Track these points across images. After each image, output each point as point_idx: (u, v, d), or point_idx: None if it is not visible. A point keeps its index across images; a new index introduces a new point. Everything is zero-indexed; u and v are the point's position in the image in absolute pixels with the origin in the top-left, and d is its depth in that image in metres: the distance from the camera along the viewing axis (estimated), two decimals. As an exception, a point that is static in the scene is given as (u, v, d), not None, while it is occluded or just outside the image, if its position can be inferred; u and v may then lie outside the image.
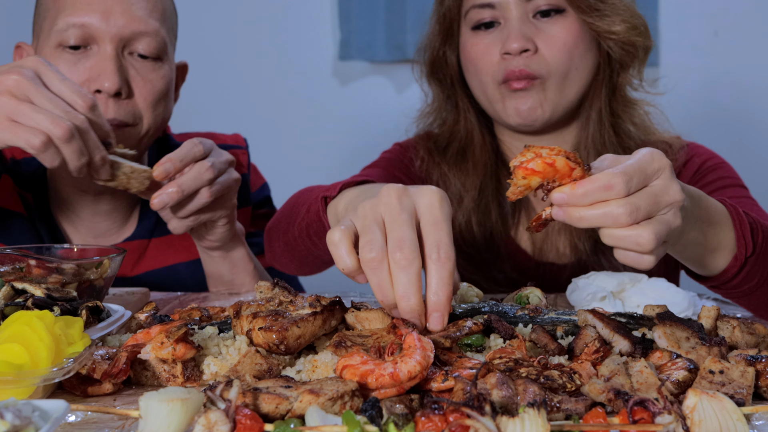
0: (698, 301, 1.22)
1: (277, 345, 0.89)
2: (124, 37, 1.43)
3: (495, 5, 1.49)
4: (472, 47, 1.54)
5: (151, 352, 0.90)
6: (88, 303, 1.01)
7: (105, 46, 1.42)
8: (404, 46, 3.61)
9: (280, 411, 0.74)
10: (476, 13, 1.52)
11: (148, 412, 0.70)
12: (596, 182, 0.92)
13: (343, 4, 3.60)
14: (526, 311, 1.08)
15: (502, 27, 1.50)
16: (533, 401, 0.70)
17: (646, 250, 0.94)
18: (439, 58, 1.62)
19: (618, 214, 0.92)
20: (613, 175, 0.92)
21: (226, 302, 1.39)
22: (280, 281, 1.18)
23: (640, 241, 0.93)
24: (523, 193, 0.94)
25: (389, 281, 0.90)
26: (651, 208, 0.94)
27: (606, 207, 0.93)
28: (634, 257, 0.96)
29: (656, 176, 0.95)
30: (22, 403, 0.69)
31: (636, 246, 0.94)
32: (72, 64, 1.42)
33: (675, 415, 0.71)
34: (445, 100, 1.66)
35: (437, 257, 0.91)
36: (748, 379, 0.83)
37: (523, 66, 1.47)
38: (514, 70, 1.48)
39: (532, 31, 1.48)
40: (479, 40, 1.53)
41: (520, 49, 1.46)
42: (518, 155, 0.94)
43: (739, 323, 0.99)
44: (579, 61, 1.51)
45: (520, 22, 1.48)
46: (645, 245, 0.93)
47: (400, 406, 0.74)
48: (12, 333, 0.81)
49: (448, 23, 1.59)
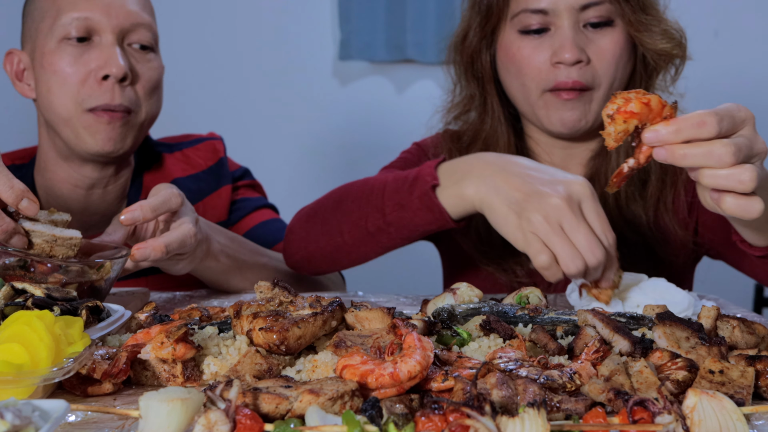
0: (698, 301, 1.22)
1: (278, 345, 0.89)
2: (124, 29, 1.52)
3: (548, 12, 1.49)
4: (518, 50, 1.53)
5: (151, 352, 0.90)
6: (88, 303, 1.01)
7: (107, 36, 1.51)
8: (404, 46, 3.61)
9: (280, 411, 0.74)
10: (526, 17, 1.51)
11: (148, 412, 0.70)
12: (689, 119, 0.96)
13: (343, 4, 3.60)
14: (526, 311, 1.08)
15: (552, 34, 1.50)
16: (533, 401, 0.70)
17: (749, 188, 0.96)
18: (476, 54, 1.61)
19: (722, 153, 0.95)
20: (706, 113, 0.96)
21: (226, 302, 1.39)
22: (280, 281, 1.18)
23: (743, 179, 0.96)
24: (623, 138, 0.98)
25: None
26: (748, 152, 0.98)
27: (710, 146, 0.96)
28: (743, 203, 0.98)
29: (744, 125, 0.99)
30: (22, 402, 0.69)
31: (739, 184, 0.96)
32: (77, 57, 1.50)
33: (675, 414, 0.71)
34: (477, 97, 1.65)
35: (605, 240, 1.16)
36: (748, 379, 0.83)
37: (576, 77, 1.48)
38: (566, 81, 1.48)
39: (584, 42, 1.49)
40: (527, 44, 1.52)
41: (575, 59, 1.47)
42: (608, 104, 0.98)
43: (739, 323, 0.99)
44: (621, 72, 1.52)
45: (573, 31, 1.48)
46: (747, 182, 0.96)
47: (400, 406, 0.74)
48: (12, 333, 0.81)
49: (492, 22, 1.57)
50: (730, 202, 0.99)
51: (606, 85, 1.51)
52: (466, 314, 1.08)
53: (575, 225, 1.15)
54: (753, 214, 0.98)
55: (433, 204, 1.31)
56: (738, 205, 0.99)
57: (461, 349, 0.94)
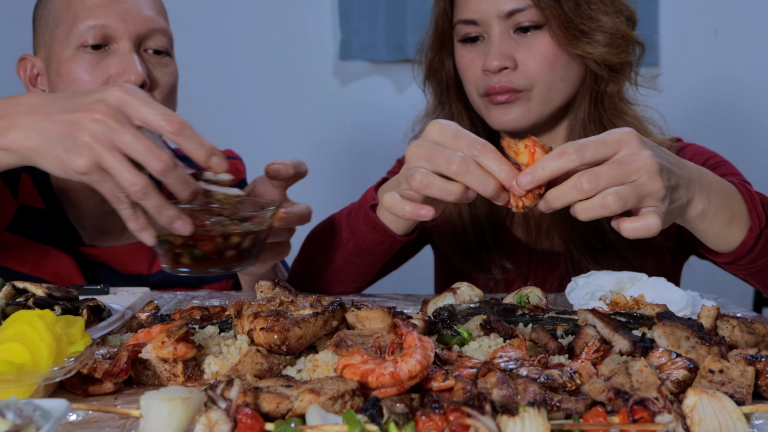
0: (697, 300, 1.22)
1: (279, 345, 0.89)
2: (141, 35, 1.51)
3: (477, 22, 1.53)
4: (459, 59, 1.59)
5: (152, 352, 0.90)
6: (89, 302, 1.01)
7: (124, 44, 1.49)
8: (404, 46, 3.61)
9: (280, 410, 0.74)
10: (462, 28, 1.56)
11: (149, 412, 0.70)
12: (550, 153, 0.98)
13: (343, 4, 3.60)
14: (526, 311, 1.08)
15: (485, 42, 1.54)
16: (533, 400, 0.70)
17: (616, 209, 0.97)
18: (436, 63, 1.66)
19: (580, 182, 0.97)
20: (566, 144, 0.98)
21: (226, 301, 1.39)
22: (280, 281, 1.18)
23: (605, 203, 0.97)
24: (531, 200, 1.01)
25: (447, 184, 1.02)
26: (614, 173, 0.98)
27: (570, 179, 0.98)
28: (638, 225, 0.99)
29: (621, 148, 1.00)
30: (23, 402, 0.69)
31: (603, 209, 0.97)
32: (95, 64, 1.49)
33: (675, 414, 0.71)
34: (439, 104, 1.70)
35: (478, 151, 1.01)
36: (748, 378, 0.83)
37: (504, 82, 1.51)
38: (494, 86, 1.52)
39: (512, 47, 1.51)
40: (465, 52, 1.57)
41: (499, 67, 1.50)
42: None
43: (739, 323, 0.99)
44: (563, 72, 1.52)
45: (500, 39, 1.51)
46: (612, 205, 0.96)
47: (400, 406, 0.74)
48: (13, 332, 0.81)
49: (441, 32, 1.63)
50: (626, 227, 1.00)
51: (543, 86, 1.52)
52: (466, 314, 1.08)
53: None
54: (652, 231, 0.99)
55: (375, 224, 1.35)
56: (633, 228, 1.00)
57: (461, 349, 0.94)
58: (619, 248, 1.56)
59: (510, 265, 1.64)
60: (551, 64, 1.51)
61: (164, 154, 1.04)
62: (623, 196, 0.97)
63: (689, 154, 1.60)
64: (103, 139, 1.02)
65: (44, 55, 1.55)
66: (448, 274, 1.73)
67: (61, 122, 1.04)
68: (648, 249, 1.59)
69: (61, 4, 1.52)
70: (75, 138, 1.02)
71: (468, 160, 1.01)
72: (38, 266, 1.54)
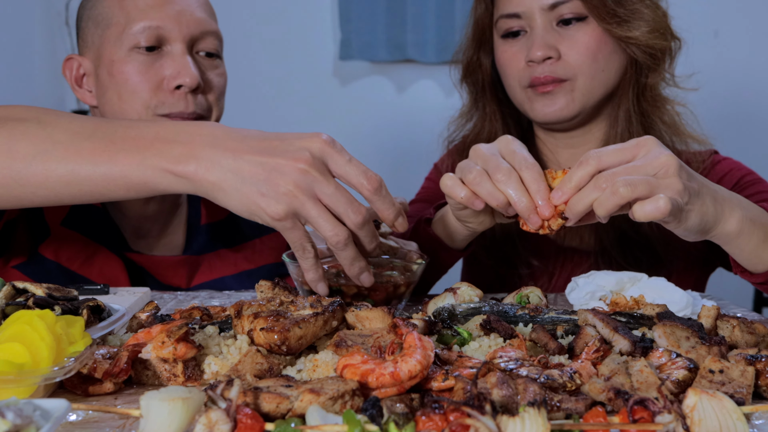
0: (697, 300, 1.23)
1: (279, 345, 0.89)
2: (194, 37, 1.52)
3: (521, 15, 1.57)
4: (501, 54, 1.62)
5: (152, 352, 0.90)
6: (89, 302, 1.01)
7: (177, 45, 1.50)
8: (404, 46, 3.62)
9: (280, 410, 0.74)
10: (504, 23, 1.59)
11: (149, 412, 0.70)
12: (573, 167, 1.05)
13: (343, 4, 3.60)
14: (526, 311, 1.08)
15: (528, 36, 1.57)
16: (533, 400, 0.70)
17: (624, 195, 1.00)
18: (473, 63, 1.70)
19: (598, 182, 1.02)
20: (585, 154, 1.05)
21: (226, 302, 1.39)
22: (280, 281, 1.18)
23: (615, 189, 1.00)
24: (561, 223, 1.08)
25: (496, 189, 1.08)
26: (631, 171, 1.02)
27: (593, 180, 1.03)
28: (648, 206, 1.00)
29: (639, 152, 1.05)
30: (23, 402, 0.69)
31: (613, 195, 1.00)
32: (148, 65, 1.49)
33: (675, 414, 0.71)
34: (474, 104, 1.73)
35: (524, 166, 1.08)
36: (748, 378, 0.83)
37: (548, 72, 1.54)
38: (539, 76, 1.55)
39: (555, 39, 1.55)
40: (508, 47, 1.60)
41: (543, 57, 1.54)
42: None
43: (739, 323, 0.99)
44: (605, 63, 1.56)
45: (544, 31, 1.55)
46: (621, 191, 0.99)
47: (400, 406, 0.74)
48: (13, 332, 0.81)
49: (481, 30, 1.67)
50: (636, 208, 1.02)
51: (586, 75, 1.55)
52: (466, 314, 1.08)
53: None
54: (661, 209, 1.00)
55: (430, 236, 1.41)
56: (643, 207, 1.01)
57: (462, 349, 0.94)
58: (652, 242, 1.58)
59: (536, 262, 1.67)
60: (594, 55, 1.54)
61: (363, 208, 1.07)
62: (633, 182, 1.00)
63: (725, 168, 1.63)
64: (306, 188, 1.03)
65: (92, 56, 1.53)
66: (474, 270, 1.77)
67: (259, 165, 1.04)
68: (679, 248, 1.60)
69: (112, 4, 1.50)
70: (276, 184, 1.03)
71: (512, 173, 1.08)
72: (86, 265, 1.52)
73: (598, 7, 1.52)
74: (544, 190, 1.07)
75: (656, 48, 1.55)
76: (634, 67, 1.58)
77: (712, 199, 1.09)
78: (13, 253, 1.48)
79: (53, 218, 1.52)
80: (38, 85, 3.90)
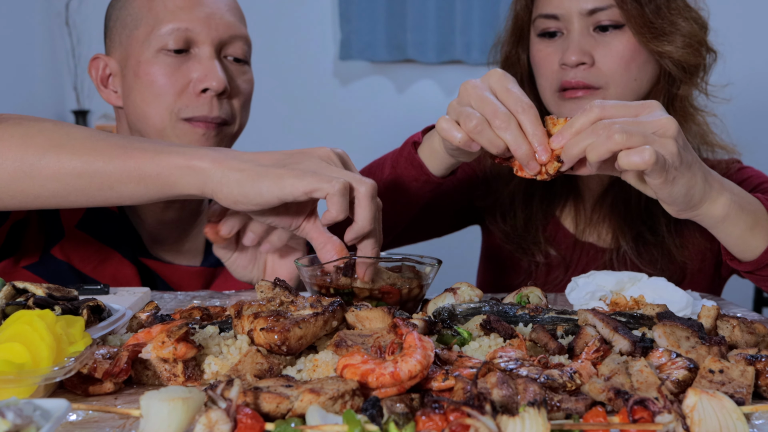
0: (697, 300, 1.23)
1: (279, 346, 0.89)
2: (222, 41, 1.50)
3: (559, 17, 1.56)
4: (536, 53, 1.62)
5: (152, 352, 0.90)
6: (89, 302, 1.01)
7: (205, 49, 1.48)
8: (404, 46, 3.62)
9: (280, 410, 0.74)
10: (542, 22, 1.59)
11: (149, 412, 0.70)
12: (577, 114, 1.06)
13: (343, 4, 3.60)
14: (526, 311, 1.08)
15: (564, 38, 1.57)
16: (533, 400, 0.70)
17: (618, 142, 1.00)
18: (512, 57, 1.69)
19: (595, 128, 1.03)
20: (590, 103, 1.06)
21: (227, 302, 1.39)
22: (280, 281, 1.18)
23: (610, 134, 1.01)
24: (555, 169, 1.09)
25: (496, 137, 1.08)
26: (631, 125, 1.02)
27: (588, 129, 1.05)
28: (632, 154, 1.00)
29: (643, 111, 1.06)
30: (24, 402, 0.69)
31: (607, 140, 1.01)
32: (175, 68, 1.47)
33: (675, 414, 0.71)
34: None
35: (522, 109, 1.08)
36: (748, 378, 0.83)
37: (580, 78, 1.54)
38: (570, 80, 1.55)
39: (591, 44, 1.54)
40: (543, 47, 1.60)
41: (577, 62, 1.53)
42: None
43: (739, 323, 1.00)
44: (638, 72, 1.55)
45: (580, 35, 1.54)
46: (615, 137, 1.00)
47: (400, 406, 0.74)
48: (13, 332, 0.81)
49: (520, 26, 1.67)
50: (622, 157, 1.01)
51: (618, 85, 1.54)
52: (466, 314, 1.08)
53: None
54: (645, 158, 1.00)
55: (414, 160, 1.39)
56: (628, 155, 1.01)
57: (462, 349, 0.94)
58: (667, 244, 1.58)
59: (554, 252, 1.68)
60: (627, 64, 1.54)
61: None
62: (629, 131, 1.00)
63: (745, 175, 1.63)
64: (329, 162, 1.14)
65: (119, 56, 1.52)
66: (492, 255, 1.78)
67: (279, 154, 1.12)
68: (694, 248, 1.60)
69: (141, 5, 1.49)
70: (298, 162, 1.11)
71: (510, 117, 1.07)
72: (99, 269, 1.51)
73: (636, 16, 1.51)
74: (542, 135, 1.07)
75: (689, 63, 1.55)
76: (666, 78, 1.57)
77: (703, 176, 1.09)
78: (24, 254, 1.47)
79: (68, 220, 1.51)
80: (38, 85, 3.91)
